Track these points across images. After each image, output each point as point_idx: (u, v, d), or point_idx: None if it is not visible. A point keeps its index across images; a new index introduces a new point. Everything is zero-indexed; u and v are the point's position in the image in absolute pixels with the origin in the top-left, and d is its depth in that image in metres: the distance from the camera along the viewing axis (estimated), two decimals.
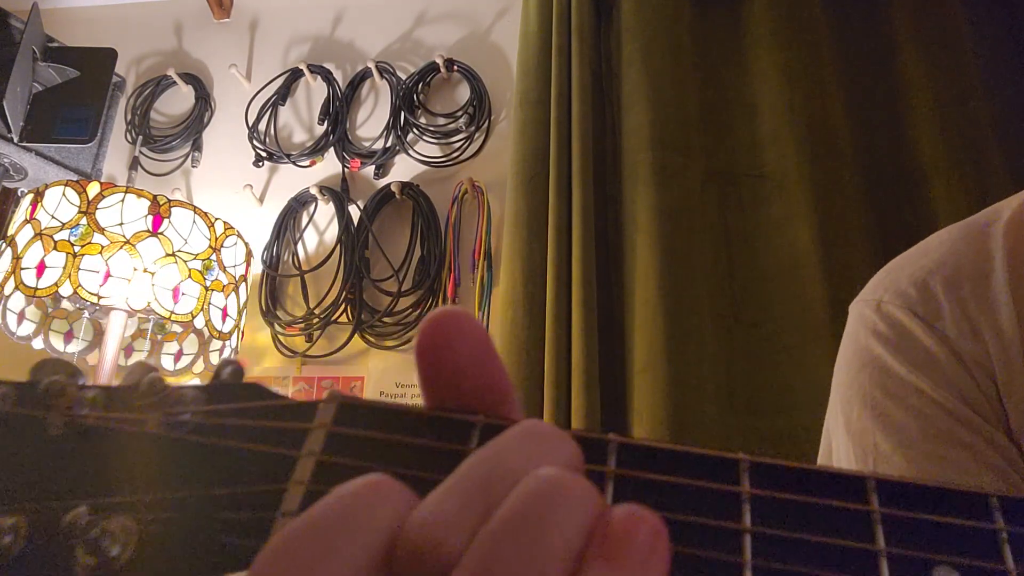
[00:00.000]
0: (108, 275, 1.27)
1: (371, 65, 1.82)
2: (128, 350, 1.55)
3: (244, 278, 1.50)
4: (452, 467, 0.21)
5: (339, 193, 1.72)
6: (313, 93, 1.89)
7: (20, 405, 0.28)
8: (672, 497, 0.23)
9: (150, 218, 1.34)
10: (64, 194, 1.33)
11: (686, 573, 0.21)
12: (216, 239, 1.41)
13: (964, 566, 0.21)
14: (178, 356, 1.54)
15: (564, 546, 0.19)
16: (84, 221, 1.30)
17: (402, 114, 1.77)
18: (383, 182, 1.72)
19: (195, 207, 1.40)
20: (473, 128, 1.73)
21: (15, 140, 1.56)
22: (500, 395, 0.25)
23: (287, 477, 0.24)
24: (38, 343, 1.45)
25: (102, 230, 1.30)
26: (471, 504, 0.20)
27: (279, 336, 1.64)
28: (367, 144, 1.79)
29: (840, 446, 0.56)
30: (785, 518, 0.22)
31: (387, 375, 1.58)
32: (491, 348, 0.24)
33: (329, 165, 1.79)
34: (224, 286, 1.41)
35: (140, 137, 1.88)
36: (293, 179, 1.78)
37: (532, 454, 0.21)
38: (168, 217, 1.35)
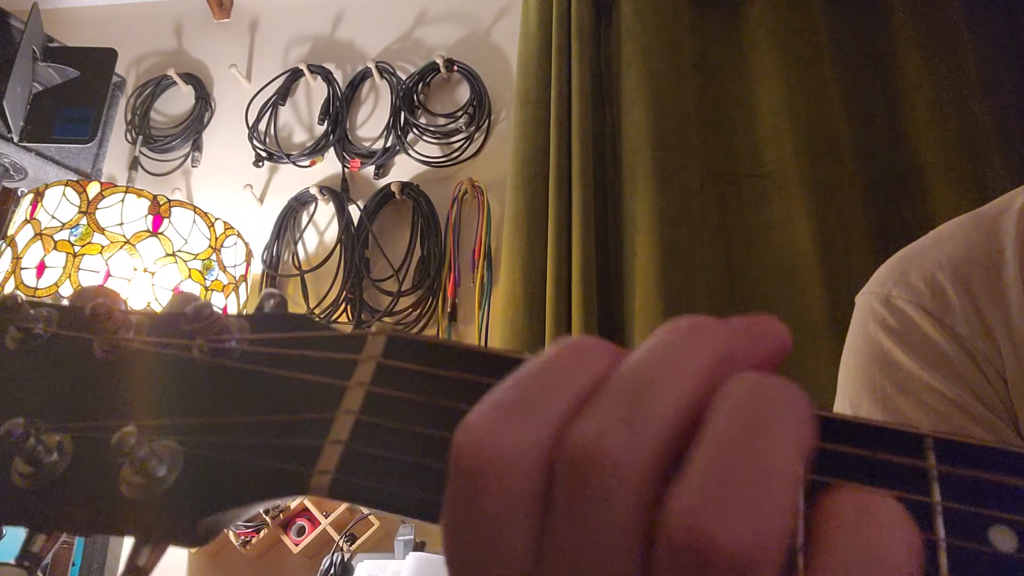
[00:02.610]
0: (108, 275, 1.27)
1: (371, 65, 1.82)
2: None
3: (244, 278, 1.50)
4: None
5: (339, 193, 1.72)
6: (313, 93, 1.89)
7: (64, 327, 0.28)
8: None
9: (150, 218, 1.34)
10: (64, 194, 1.33)
11: None
12: (216, 239, 1.41)
13: (1021, 526, 0.20)
14: None
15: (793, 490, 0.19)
16: (84, 221, 1.30)
17: (402, 114, 1.77)
18: (383, 182, 1.72)
19: (195, 207, 1.40)
20: (473, 128, 1.73)
21: (15, 140, 1.56)
22: None
23: (336, 406, 0.24)
24: None
25: (102, 230, 1.30)
26: (637, 411, 0.19)
27: None
28: (367, 144, 1.79)
29: None
30: (840, 471, 0.21)
31: None
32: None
33: (329, 165, 1.79)
34: (224, 286, 1.41)
35: (140, 137, 1.88)
36: (293, 179, 1.78)
37: (693, 354, 0.20)
38: (168, 217, 1.35)
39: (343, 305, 1.62)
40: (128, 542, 0.25)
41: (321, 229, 1.74)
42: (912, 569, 0.18)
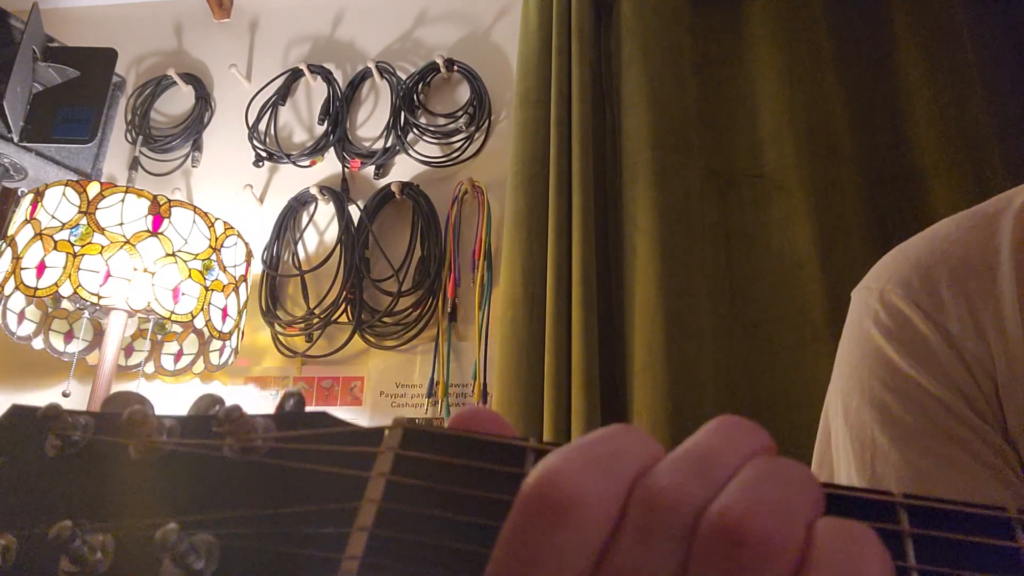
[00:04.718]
0: (108, 275, 1.27)
1: (371, 65, 1.82)
2: (128, 350, 1.55)
3: (244, 278, 1.50)
4: (510, 488, 0.23)
5: (339, 193, 1.72)
6: (313, 93, 1.89)
7: (101, 433, 0.30)
8: None
9: (150, 218, 1.34)
10: (64, 194, 1.33)
11: None
12: (216, 239, 1.41)
13: None
14: (178, 356, 1.54)
15: (807, 509, 0.22)
16: (84, 221, 1.30)
17: (402, 114, 1.78)
18: (383, 182, 1.72)
19: (195, 207, 1.40)
20: (473, 128, 1.73)
21: (15, 140, 1.56)
22: None
23: (360, 495, 0.26)
24: (38, 343, 1.45)
25: (102, 230, 1.30)
26: (701, 471, 0.23)
27: (279, 336, 1.64)
28: (367, 144, 1.79)
29: (839, 435, 0.55)
30: None
31: (387, 375, 1.58)
32: None
33: (329, 165, 1.79)
34: (224, 286, 1.41)
35: (140, 137, 1.88)
36: (293, 179, 1.78)
37: (738, 439, 0.24)
38: (168, 217, 1.35)
39: (343, 305, 1.62)
40: None
41: (321, 229, 1.74)
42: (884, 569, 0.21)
